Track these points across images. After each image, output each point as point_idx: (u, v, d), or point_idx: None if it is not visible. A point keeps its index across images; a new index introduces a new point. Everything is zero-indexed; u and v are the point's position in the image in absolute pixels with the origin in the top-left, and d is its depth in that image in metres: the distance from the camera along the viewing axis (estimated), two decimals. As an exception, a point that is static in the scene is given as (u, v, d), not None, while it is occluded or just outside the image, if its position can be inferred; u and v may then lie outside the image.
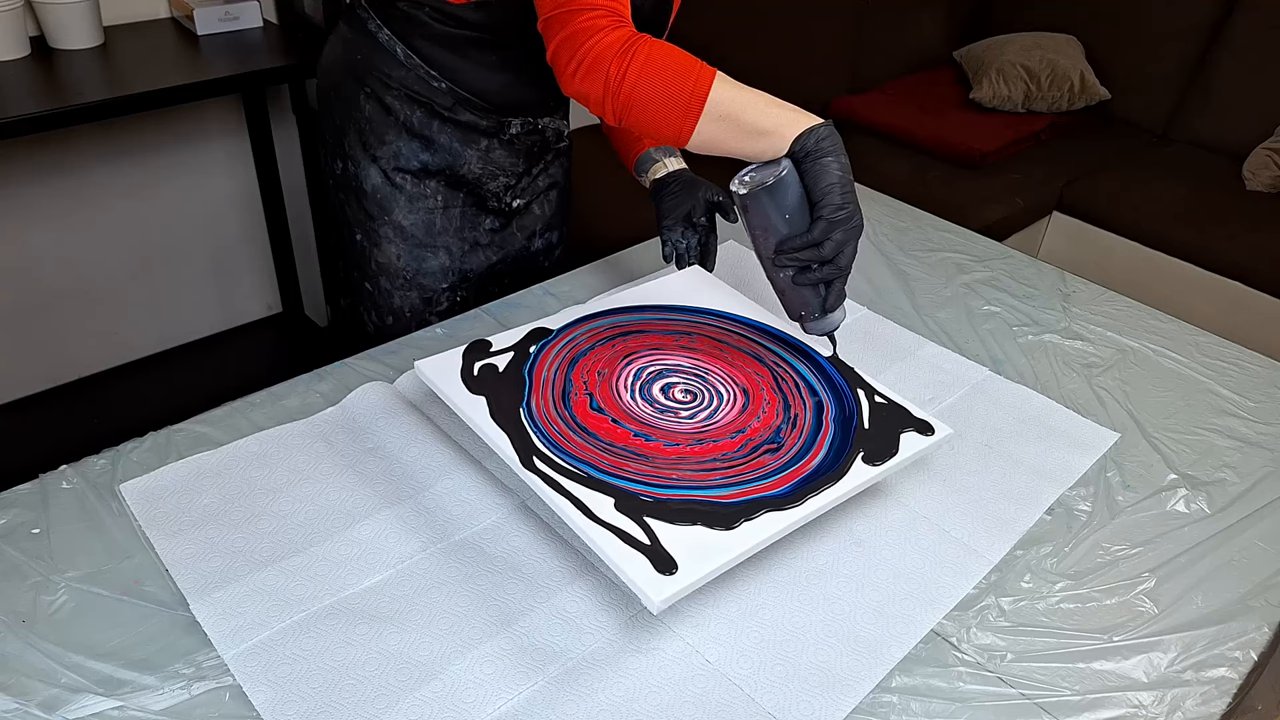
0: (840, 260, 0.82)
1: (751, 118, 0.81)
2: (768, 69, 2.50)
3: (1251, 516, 0.87)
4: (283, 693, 0.63)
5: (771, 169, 0.81)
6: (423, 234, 1.12)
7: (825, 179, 0.79)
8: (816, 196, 0.80)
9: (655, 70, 0.81)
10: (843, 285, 0.85)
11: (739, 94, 0.82)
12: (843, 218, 0.80)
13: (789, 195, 0.81)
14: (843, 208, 0.80)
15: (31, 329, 1.87)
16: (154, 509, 0.76)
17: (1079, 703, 0.67)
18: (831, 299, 0.85)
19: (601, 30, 0.81)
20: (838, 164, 0.80)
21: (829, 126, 0.81)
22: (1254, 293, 2.22)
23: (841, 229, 0.80)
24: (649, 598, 0.63)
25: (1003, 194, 2.39)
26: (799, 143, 0.80)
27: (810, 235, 0.81)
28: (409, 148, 1.07)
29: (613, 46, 0.81)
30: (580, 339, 0.90)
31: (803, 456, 0.78)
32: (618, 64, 0.81)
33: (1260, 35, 2.59)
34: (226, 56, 1.65)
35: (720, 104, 0.81)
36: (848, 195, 0.80)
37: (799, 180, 0.81)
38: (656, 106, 0.82)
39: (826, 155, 0.79)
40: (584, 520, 0.69)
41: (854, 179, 0.82)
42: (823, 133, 0.80)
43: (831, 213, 0.79)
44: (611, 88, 0.82)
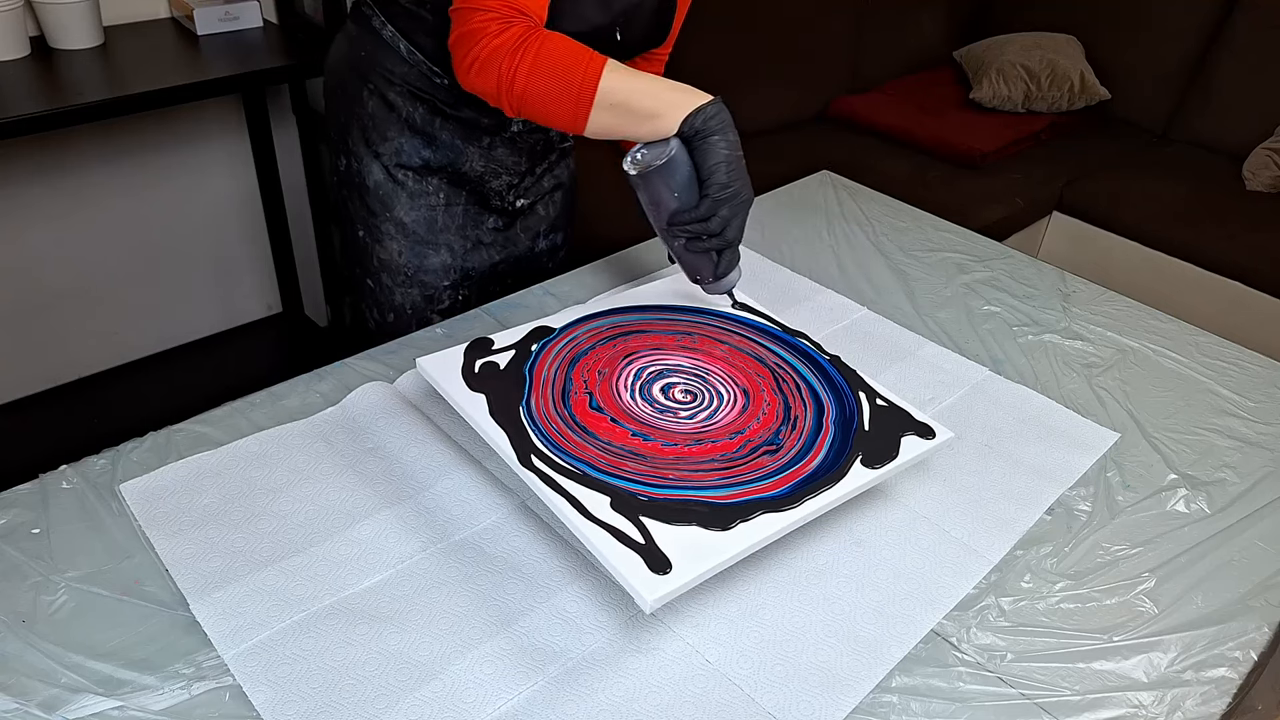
0: (728, 234, 0.86)
1: (640, 103, 0.84)
2: (768, 69, 2.51)
3: (1251, 516, 0.87)
4: (283, 693, 0.63)
5: (660, 149, 0.84)
6: (424, 231, 1.12)
7: (712, 158, 0.83)
8: (704, 175, 0.84)
9: (545, 66, 0.84)
10: (734, 253, 0.91)
11: (628, 81, 0.85)
12: (728, 195, 0.84)
13: (677, 174, 0.85)
14: (728, 186, 0.83)
15: (31, 329, 1.87)
16: (154, 509, 0.76)
17: (1079, 703, 0.67)
18: (723, 266, 0.91)
19: (490, 34, 0.85)
20: (724, 142, 0.83)
21: (717, 104, 0.84)
22: (1254, 293, 2.22)
23: (728, 205, 0.84)
24: (642, 597, 0.63)
25: (1003, 194, 2.39)
26: (687, 123, 0.83)
27: (698, 211, 0.85)
28: (411, 144, 1.07)
29: (505, 45, 0.84)
30: (581, 338, 0.90)
31: (802, 458, 0.78)
32: (509, 61, 0.84)
33: (1260, 35, 2.59)
34: (226, 56, 1.65)
35: (610, 93, 0.84)
36: (734, 173, 0.83)
37: (689, 159, 0.84)
38: (549, 100, 0.85)
39: (713, 134, 0.83)
40: (579, 518, 0.69)
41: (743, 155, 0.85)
42: (710, 111, 0.83)
43: (717, 191, 0.84)
44: (504, 84, 0.86)
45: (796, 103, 2.65)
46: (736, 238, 0.87)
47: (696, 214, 0.85)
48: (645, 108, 0.84)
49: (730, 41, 2.38)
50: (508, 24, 0.85)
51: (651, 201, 0.88)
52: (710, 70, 2.32)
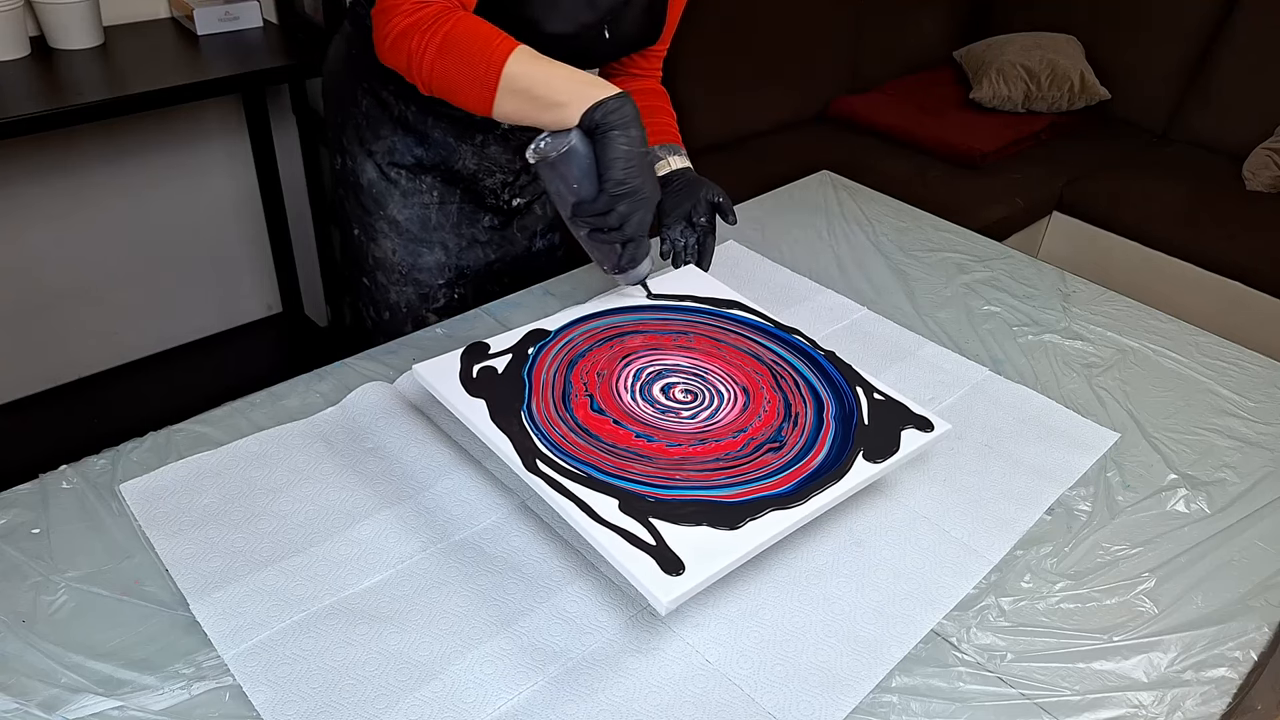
0: (627, 229, 0.85)
1: (544, 91, 0.83)
2: (768, 69, 2.51)
3: (1251, 516, 0.87)
4: (283, 693, 0.63)
5: (562, 139, 0.84)
6: (418, 229, 1.12)
7: (610, 153, 0.82)
8: (601, 169, 0.83)
9: (453, 47, 0.84)
10: (638, 246, 0.90)
11: (535, 68, 0.84)
12: (625, 191, 0.83)
13: (576, 167, 0.84)
14: (624, 182, 0.82)
15: (31, 329, 1.87)
16: (154, 509, 0.76)
17: (1079, 703, 0.67)
18: (626, 259, 0.90)
19: (404, 12, 0.85)
20: (624, 138, 0.82)
21: (620, 99, 0.83)
22: (1254, 293, 2.22)
23: (625, 201, 0.83)
24: (657, 599, 0.63)
25: (1003, 194, 2.39)
26: (587, 116, 0.82)
27: (595, 205, 0.84)
28: (403, 143, 1.07)
29: (418, 23, 0.84)
30: (578, 340, 0.90)
31: (805, 455, 0.78)
32: (419, 40, 0.84)
33: (1260, 35, 2.59)
34: (226, 56, 1.65)
35: (514, 78, 0.83)
36: (631, 170, 0.82)
37: (591, 151, 0.84)
38: (457, 82, 0.85)
39: (613, 129, 0.82)
40: (589, 522, 0.69)
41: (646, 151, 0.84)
42: (611, 105, 0.82)
43: (613, 187, 0.83)
44: (415, 62, 0.86)
45: (796, 103, 2.65)
46: (637, 233, 0.87)
47: (594, 208, 0.85)
48: (547, 96, 0.83)
49: (730, 41, 2.37)
50: (421, 6, 0.85)
51: (552, 191, 0.88)
52: (710, 70, 2.33)
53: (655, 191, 0.86)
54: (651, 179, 0.85)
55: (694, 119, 2.23)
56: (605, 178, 0.83)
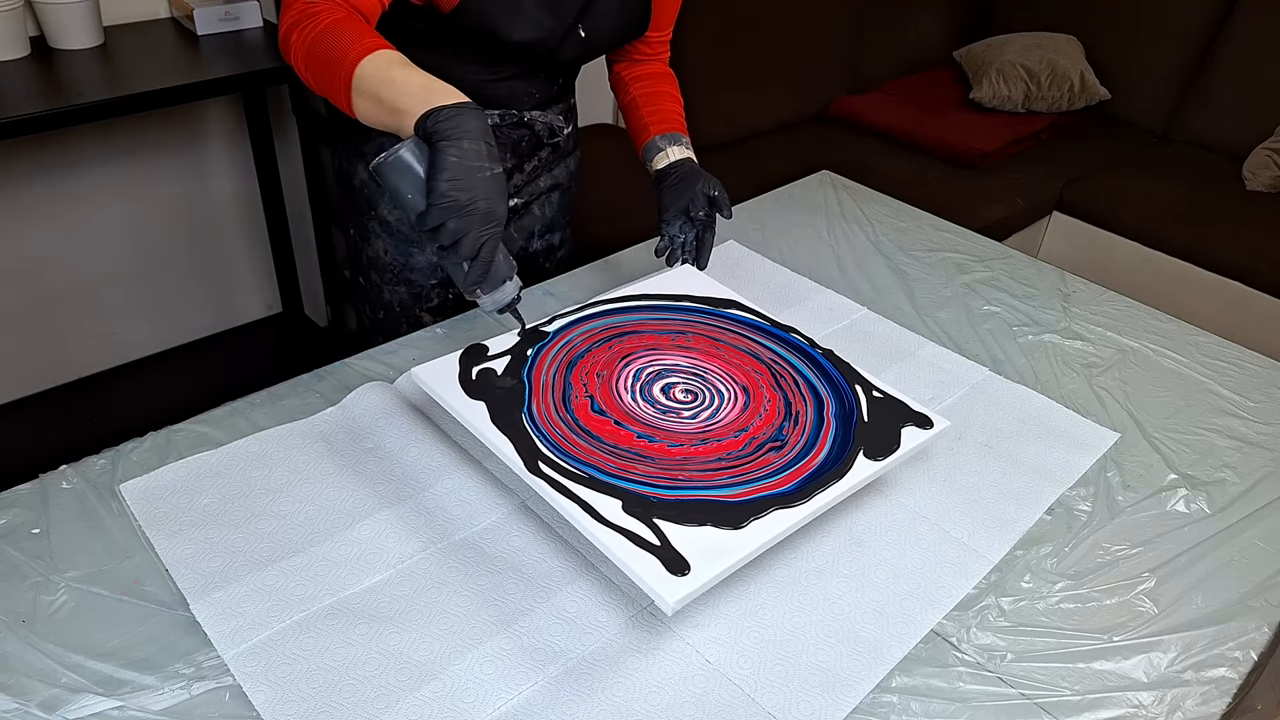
0: (460, 248, 0.76)
1: (389, 95, 0.80)
2: (768, 69, 2.51)
3: (1251, 516, 0.87)
4: (283, 693, 0.63)
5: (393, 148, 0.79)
6: (408, 229, 1.12)
7: (436, 164, 0.75)
8: (429, 184, 0.76)
9: (318, 47, 0.83)
10: (481, 269, 0.79)
11: (384, 73, 0.80)
12: (445, 205, 0.75)
13: (405, 177, 0.78)
14: (445, 195, 0.75)
15: (31, 329, 1.87)
16: (154, 509, 0.76)
17: (1079, 703, 0.67)
18: (470, 279, 0.80)
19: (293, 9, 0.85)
20: (454, 149, 0.75)
21: (454, 109, 0.77)
22: (1254, 293, 2.22)
23: (454, 218, 0.75)
24: (663, 599, 0.63)
25: (1003, 194, 2.39)
26: (420, 125, 0.77)
27: (424, 221, 0.77)
28: (392, 143, 1.07)
29: (298, 22, 0.84)
30: (576, 341, 0.89)
31: (807, 453, 0.78)
32: (297, 37, 0.84)
33: (1260, 35, 2.59)
34: (226, 56, 1.65)
35: (363, 80, 0.81)
36: (456, 184, 0.75)
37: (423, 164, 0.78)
38: (323, 82, 0.84)
39: (444, 139, 0.76)
40: (593, 523, 0.69)
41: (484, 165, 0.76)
42: (445, 115, 0.76)
43: (435, 199, 0.75)
44: (293, 62, 0.85)
45: (796, 103, 2.65)
46: (472, 253, 0.77)
47: (423, 223, 0.77)
48: (391, 101, 0.79)
49: (730, 41, 2.37)
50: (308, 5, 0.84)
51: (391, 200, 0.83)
52: (710, 70, 2.33)
53: (494, 210, 0.77)
54: (490, 196, 0.76)
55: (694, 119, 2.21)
56: (429, 189, 0.76)
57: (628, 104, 1.14)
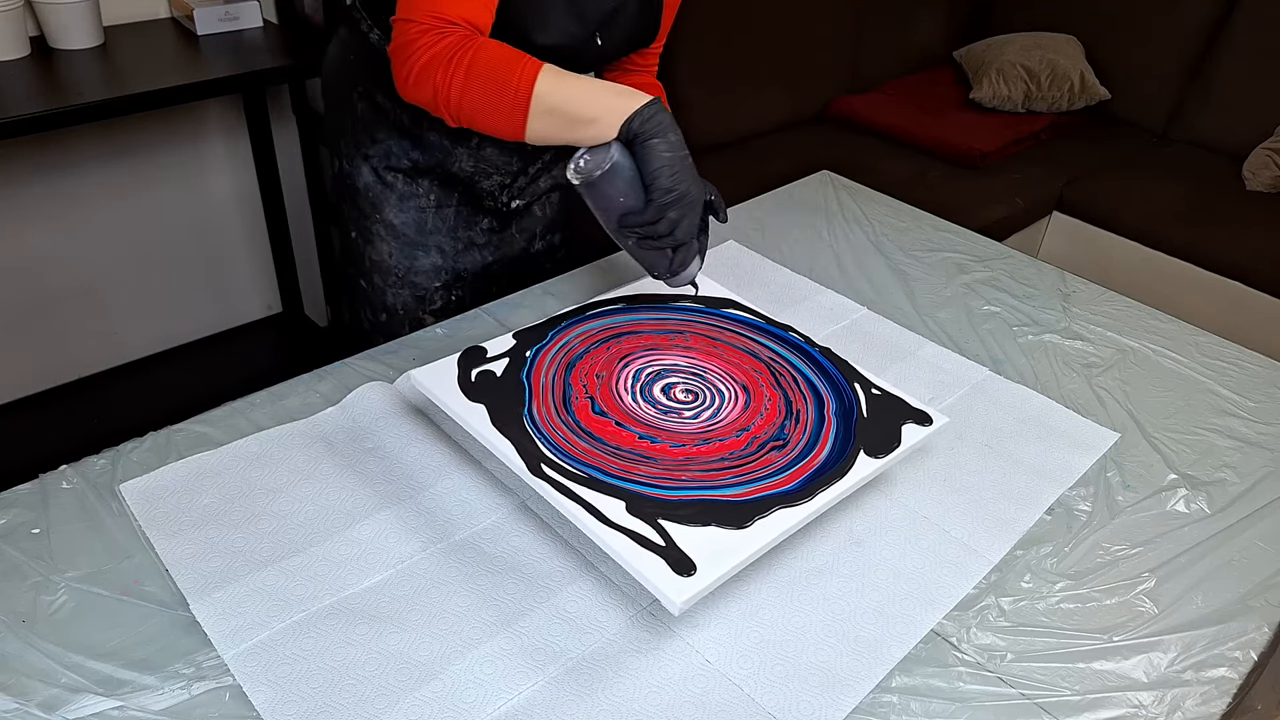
0: (678, 234, 0.85)
1: (577, 108, 0.83)
2: (768, 69, 2.51)
3: (1251, 516, 0.87)
4: (283, 693, 0.63)
5: (601, 155, 0.83)
6: (414, 232, 1.12)
7: (654, 162, 0.82)
8: (647, 179, 0.83)
9: (480, 75, 0.83)
10: (689, 248, 0.89)
11: (564, 86, 0.83)
12: (673, 199, 0.82)
13: (620, 180, 0.83)
14: (671, 189, 0.82)
15: (31, 329, 1.87)
16: (154, 509, 0.76)
17: (1079, 703, 0.67)
18: (677, 262, 0.89)
19: (424, 46, 0.84)
20: (665, 144, 0.82)
21: (654, 107, 0.82)
22: (1254, 293, 2.22)
23: (674, 208, 0.83)
24: (670, 600, 0.63)
25: (1003, 194, 2.39)
26: (625, 127, 0.82)
27: (645, 215, 0.84)
28: (400, 146, 1.07)
29: (439, 58, 0.83)
30: (574, 342, 0.89)
31: (809, 452, 0.78)
32: (444, 73, 0.84)
33: (1260, 35, 2.59)
34: (226, 56, 1.65)
35: (544, 98, 0.83)
36: (677, 176, 0.82)
37: (631, 162, 0.83)
38: (487, 109, 0.84)
39: (653, 137, 0.81)
40: (597, 525, 0.68)
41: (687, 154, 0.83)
42: (647, 114, 0.82)
43: (661, 196, 0.82)
44: (441, 96, 0.85)
45: (796, 103, 2.65)
46: (688, 236, 0.87)
47: (644, 217, 0.84)
48: (580, 112, 0.83)
49: (730, 41, 2.37)
50: (441, 35, 0.84)
51: (598, 207, 0.87)
52: (710, 70, 2.33)
53: (701, 192, 0.86)
54: (696, 180, 0.84)
55: (694, 119, 2.23)
56: (652, 186, 0.82)
57: None
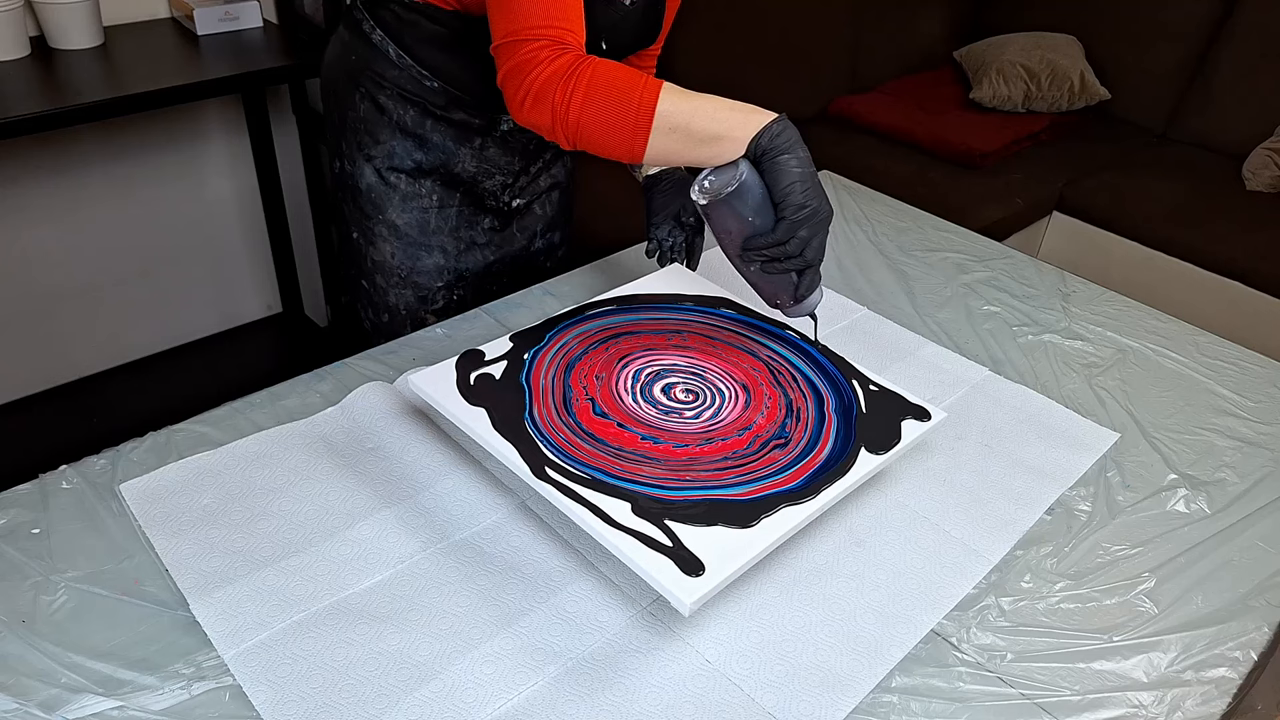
0: (807, 254, 0.81)
1: (702, 125, 0.80)
2: (768, 70, 2.51)
3: (1251, 516, 0.87)
4: (283, 693, 0.63)
5: (729, 173, 0.80)
6: (416, 233, 1.12)
7: (785, 178, 0.78)
8: (777, 197, 0.79)
9: (600, 94, 0.80)
10: (815, 272, 0.85)
11: (687, 103, 0.81)
12: (805, 216, 0.79)
13: (749, 198, 0.80)
14: (804, 206, 0.78)
15: (31, 329, 1.87)
16: (154, 509, 0.76)
17: (1079, 703, 0.67)
18: (804, 287, 0.85)
19: (543, 61, 0.81)
20: (795, 160, 0.78)
21: (783, 122, 0.79)
22: (1254, 293, 2.22)
23: (806, 226, 0.79)
24: (680, 600, 0.63)
25: (1003, 194, 2.39)
26: (754, 144, 0.79)
27: (775, 235, 0.80)
28: (403, 147, 1.07)
29: (557, 75, 0.80)
30: (572, 343, 0.89)
31: (812, 449, 0.78)
32: (562, 92, 0.80)
33: (1260, 35, 2.59)
34: (226, 56, 1.65)
35: (668, 116, 0.80)
36: (809, 192, 0.79)
37: (759, 180, 0.80)
38: (606, 129, 0.81)
39: (783, 153, 0.78)
40: (604, 527, 0.68)
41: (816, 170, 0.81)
42: (776, 129, 0.79)
43: (794, 213, 0.79)
44: (559, 116, 0.81)
45: (796, 103, 2.65)
46: (817, 258, 0.83)
47: (774, 238, 0.80)
48: (706, 130, 0.80)
49: (730, 41, 2.37)
50: (560, 52, 0.81)
51: (723, 229, 0.83)
52: (710, 71, 2.32)
53: (830, 211, 0.82)
54: (826, 200, 0.81)
55: (694, 119, 2.23)
56: (784, 204, 0.79)
57: None
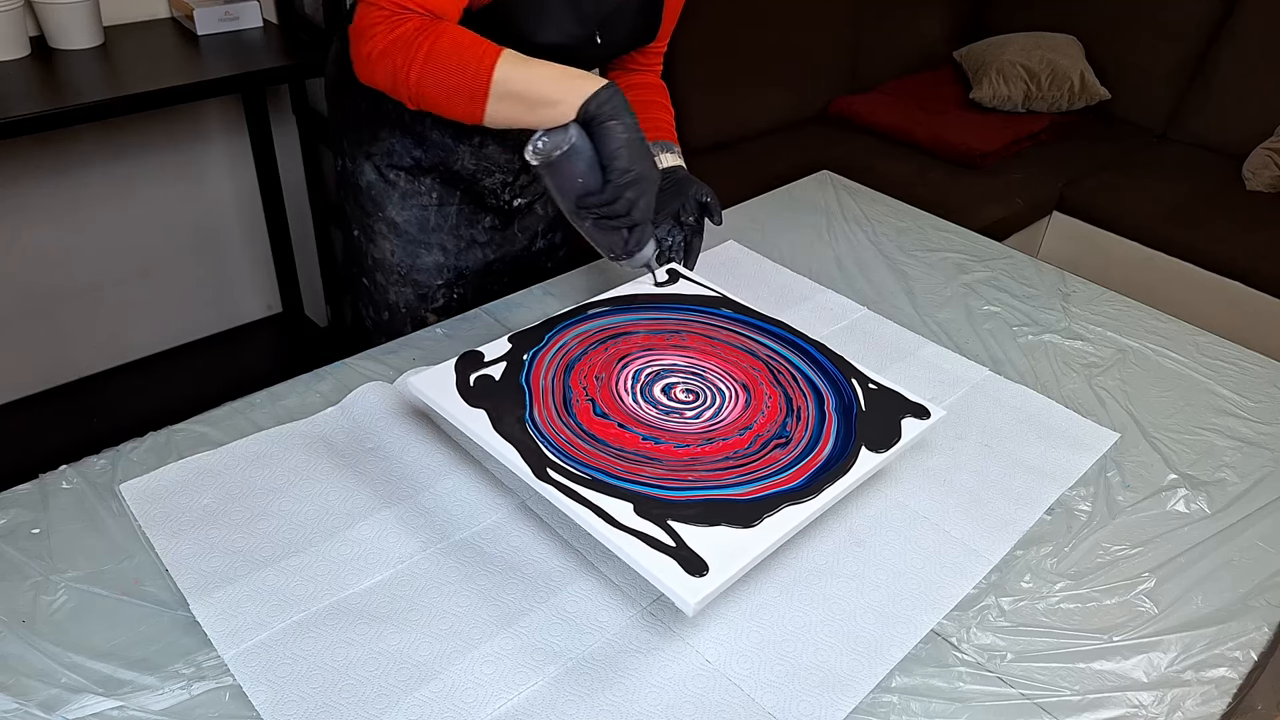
0: (634, 214, 0.87)
1: (537, 90, 0.84)
2: (768, 69, 2.51)
3: (1251, 516, 0.87)
4: (283, 693, 0.63)
5: (560, 136, 0.85)
6: (416, 230, 1.12)
7: (611, 143, 0.84)
8: (604, 160, 0.85)
9: (440, 60, 0.84)
10: (644, 230, 0.91)
11: (523, 70, 0.85)
12: (630, 179, 0.84)
13: (579, 160, 0.85)
14: (629, 170, 0.84)
15: (31, 329, 1.87)
16: (154, 509, 0.76)
17: (1079, 703, 0.67)
18: (633, 242, 0.91)
19: (383, 31, 0.85)
20: (622, 125, 0.84)
21: (611, 89, 0.84)
22: (1254, 293, 2.22)
23: (632, 188, 0.85)
24: (685, 601, 0.63)
25: (1003, 194, 2.39)
26: (583, 109, 0.84)
27: (603, 195, 0.86)
28: (402, 144, 1.07)
29: (400, 40, 0.85)
30: (571, 344, 0.89)
31: (813, 448, 0.78)
32: (404, 55, 0.85)
33: (1260, 35, 2.59)
34: (226, 56, 1.65)
35: (504, 83, 0.84)
36: (634, 157, 0.84)
37: (590, 144, 0.85)
38: (447, 93, 0.86)
39: (610, 119, 0.83)
40: (607, 527, 0.68)
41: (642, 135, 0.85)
42: (604, 96, 0.83)
43: (619, 176, 0.84)
44: (400, 78, 0.86)
45: (796, 103, 2.65)
46: (644, 217, 0.88)
47: (602, 198, 0.86)
48: (541, 95, 0.84)
49: (730, 41, 2.37)
50: (401, 21, 0.85)
51: (558, 187, 0.89)
52: (710, 71, 2.33)
53: (656, 174, 0.88)
54: (651, 162, 0.86)
55: (694, 119, 2.23)
56: (610, 167, 0.84)
57: None
